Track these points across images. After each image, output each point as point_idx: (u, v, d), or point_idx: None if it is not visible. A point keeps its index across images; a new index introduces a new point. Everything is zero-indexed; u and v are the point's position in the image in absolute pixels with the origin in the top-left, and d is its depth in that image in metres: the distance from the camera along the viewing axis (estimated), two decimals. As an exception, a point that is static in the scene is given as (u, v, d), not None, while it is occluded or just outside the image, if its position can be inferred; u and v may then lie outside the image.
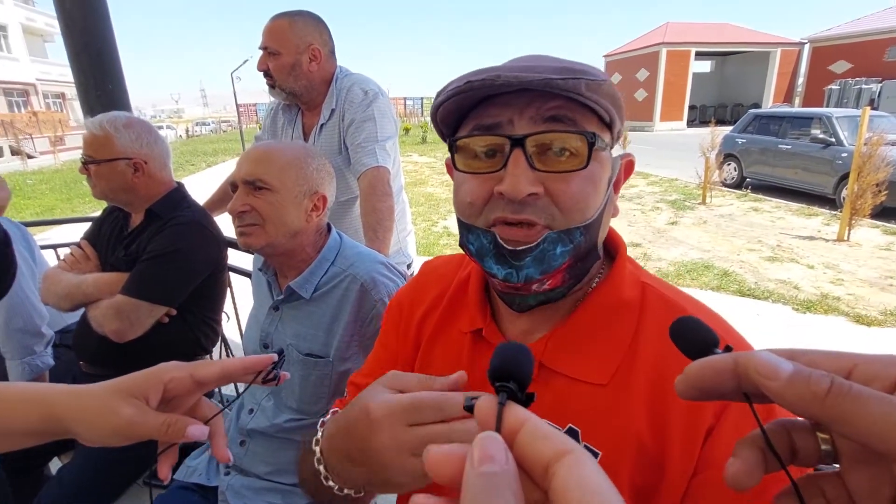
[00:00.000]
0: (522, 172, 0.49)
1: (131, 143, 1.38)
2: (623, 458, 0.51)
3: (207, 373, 0.51)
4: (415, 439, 0.44)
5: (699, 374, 0.29)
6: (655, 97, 25.05)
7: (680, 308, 0.56)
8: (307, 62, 1.62)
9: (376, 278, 1.02)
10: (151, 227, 1.42)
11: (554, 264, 0.51)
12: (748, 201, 8.04)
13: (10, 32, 27.00)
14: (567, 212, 0.51)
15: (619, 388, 0.53)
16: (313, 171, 1.03)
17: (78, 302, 1.37)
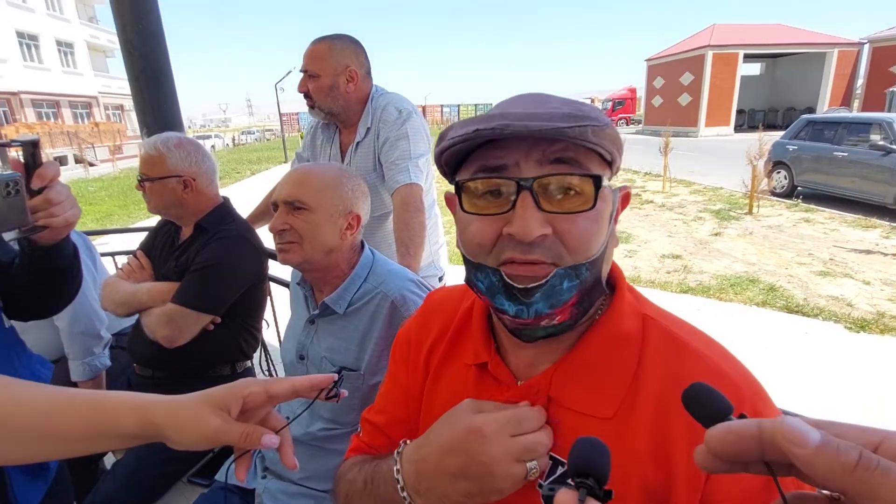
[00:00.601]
0: (531, 214, 0.50)
1: (181, 162, 1.49)
2: (629, 490, 0.51)
3: (279, 388, 0.59)
4: (519, 447, 0.51)
5: (722, 440, 0.28)
6: (700, 101, 24.23)
7: (680, 341, 0.56)
8: (344, 83, 1.69)
9: (406, 295, 1.06)
10: (199, 240, 1.51)
11: (562, 299, 0.52)
12: (799, 212, 7.65)
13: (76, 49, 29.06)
14: (573, 251, 0.52)
15: (622, 422, 0.54)
16: (348, 192, 1.09)
17: (133, 309, 1.47)
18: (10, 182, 0.74)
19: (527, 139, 0.51)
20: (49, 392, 0.58)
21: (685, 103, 25.47)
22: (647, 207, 8.61)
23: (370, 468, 0.61)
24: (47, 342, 1.76)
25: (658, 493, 0.51)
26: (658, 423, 0.52)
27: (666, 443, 0.51)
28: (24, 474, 0.87)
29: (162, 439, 0.56)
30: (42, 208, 0.80)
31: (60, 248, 0.90)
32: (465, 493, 0.52)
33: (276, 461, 1.10)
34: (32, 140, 0.79)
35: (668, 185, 10.05)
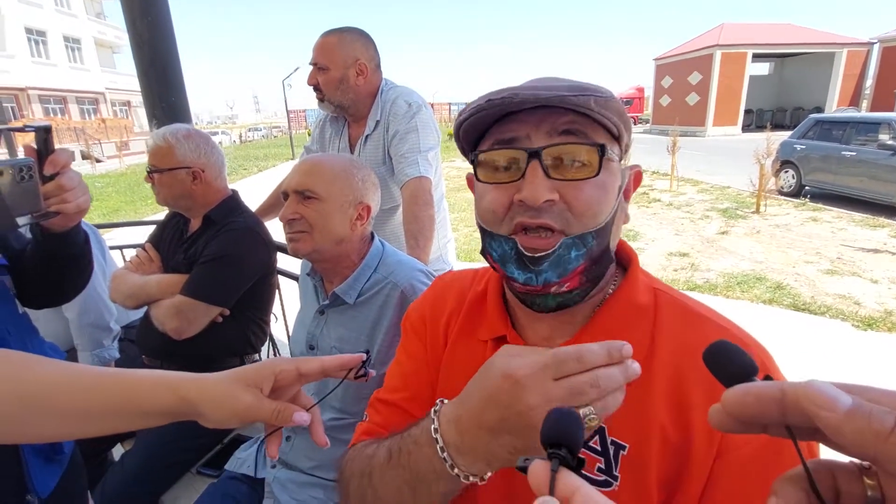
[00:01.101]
0: (539, 181, 0.54)
1: (190, 153, 1.49)
2: (649, 450, 0.53)
3: (310, 367, 0.59)
4: (563, 391, 0.43)
5: (740, 402, 0.27)
6: (708, 101, 24.07)
7: (690, 310, 0.60)
8: (354, 76, 1.69)
9: (415, 285, 1.05)
10: (208, 233, 1.52)
11: (570, 267, 0.55)
12: (806, 210, 7.59)
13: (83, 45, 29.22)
14: (580, 216, 0.55)
15: (640, 386, 0.55)
16: (358, 182, 1.09)
17: (142, 301, 1.48)
18: (23, 167, 0.74)
19: (538, 113, 0.55)
20: (85, 370, 0.59)
21: (693, 103, 25.32)
22: (654, 206, 8.57)
23: (395, 440, 0.58)
24: (57, 334, 1.77)
25: (677, 447, 0.53)
26: (675, 382, 0.54)
27: (683, 400, 0.53)
28: (40, 458, 0.87)
29: (196, 416, 0.57)
30: (54, 194, 0.81)
31: (72, 236, 0.91)
32: (510, 447, 0.46)
33: (286, 451, 1.10)
34: (45, 126, 0.79)
35: (675, 183, 10.00)
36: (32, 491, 0.84)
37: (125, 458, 1.42)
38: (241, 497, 1.11)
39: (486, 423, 0.47)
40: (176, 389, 0.56)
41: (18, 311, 0.94)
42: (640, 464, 0.53)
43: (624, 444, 0.54)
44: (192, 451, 1.48)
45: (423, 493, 0.53)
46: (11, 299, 0.93)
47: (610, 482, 0.54)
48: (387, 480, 0.56)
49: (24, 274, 0.95)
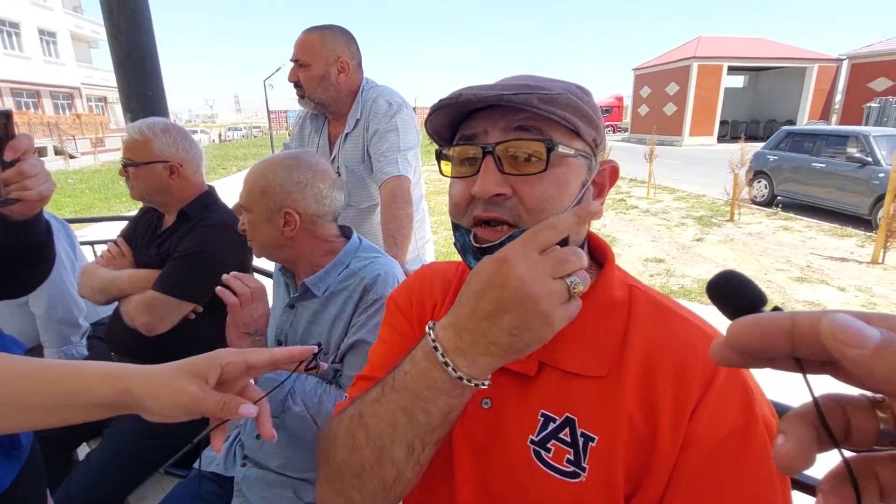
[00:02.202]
0: (490, 175, 0.56)
1: (168, 147, 1.46)
2: (618, 442, 0.54)
3: (258, 359, 0.58)
4: (549, 261, 0.48)
5: (745, 332, 0.25)
6: (685, 111, 24.67)
7: (663, 307, 0.62)
8: (335, 74, 1.68)
9: (380, 276, 1.05)
10: (182, 228, 1.49)
11: None
12: (778, 220, 7.84)
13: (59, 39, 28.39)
14: (532, 211, 0.56)
15: (613, 378, 0.57)
16: (276, 189, 1.06)
17: (112, 296, 1.44)
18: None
19: (498, 111, 0.58)
20: (28, 362, 0.58)
21: (670, 113, 25.92)
22: (631, 212, 8.73)
23: (383, 381, 0.57)
24: (22, 330, 1.71)
25: (644, 439, 0.54)
26: (645, 376, 0.56)
27: (652, 393, 0.55)
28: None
29: (138, 409, 0.55)
30: (15, 181, 0.79)
31: (33, 225, 0.89)
32: (510, 328, 0.47)
33: (255, 449, 1.09)
34: (5, 111, 0.77)
35: (652, 191, 10.20)
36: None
37: (90, 456, 1.37)
38: (209, 496, 1.09)
39: (484, 311, 0.49)
40: (118, 380, 0.55)
41: None
42: (608, 456, 0.54)
43: (594, 435, 0.55)
44: (159, 450, 1.44)
45: (420, 414, 0.51)
46: None
47: (578, 473, 0.55)
48: (379, 413, 0.54)
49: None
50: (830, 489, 0.24)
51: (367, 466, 0.54)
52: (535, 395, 0.59)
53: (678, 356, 0.55)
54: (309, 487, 1.04)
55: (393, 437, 0.53)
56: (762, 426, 0.51)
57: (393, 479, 0.54)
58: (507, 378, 0.61)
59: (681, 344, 0.56)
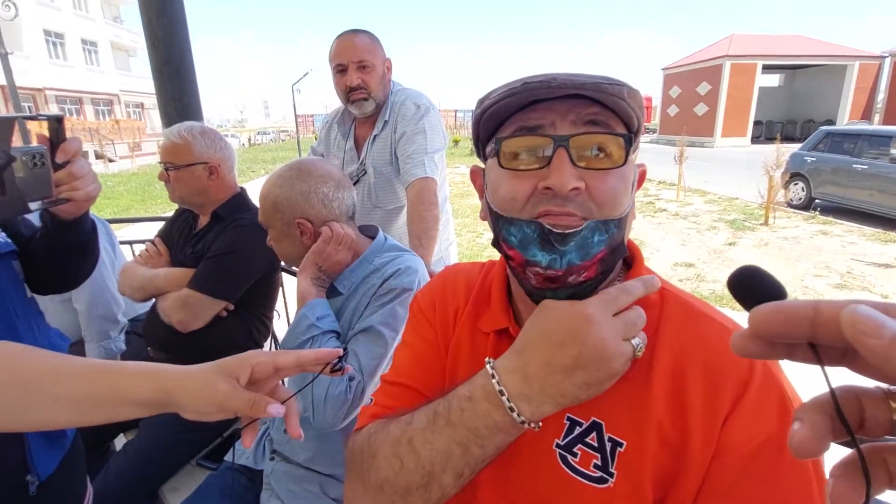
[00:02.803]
0: (567, 169, 0.53)
1: (206, 149, 1.51)
2: (646, 448, 0.53)
3: (286, 361, 0.60)
4: (622, 323, 0.51)
5: (769, 319, 0.26)
6: (717, 112, 24.02)
7: (695, 309, 0.59)
8: (386, 72, 1.74)
9: (399, 269, 1.06)
10: (216, 228, 1.54)
11: (592, 251, 0.55)
12: (816, 224, 7.54)
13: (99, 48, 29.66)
14: (603, 206, 0.55)
15: (641, 381, 0.55)
16: (284, 203, 1.08)
17: (150, 294, 1.50)
18: (36, 154, 0.77)
19: (564, 103, 0.56)
20: (78, 362, 0.61)
21: (701, 113, 25.27)
22: (660, 216, 8.54)
23: (436, 404, 0.57)
24: (65, 325, 1.80)
25: (674, 446, 0.52)
26: (675, 380, 0.54)
27: (682, 398, 0.53)
28: (43, 440, 0.89)
29: (175, 408, 0.58)
30: (65, 181, 0.83)
31: (80, 224, 0.94)
32: (582, 384, 0.50)
33: (284, 443, 1.11)
34: (57, 116, 0.82)
35: (682, 193, 9.96)
36: (33, 471, 0.86)
37: (127, 447, 1.43)
38: (239, 488, 1.12)
39: (561, 364, 0.50)
40: (157, 379, 0.58)
41: (27, 296, 0.96)
42: (636, 461, 0.53)
43: (622, 440, 0.54)
44: (192, 443, 1.49)
45: (476, 449, 0.54)
46: (20, 283, 0.96)
47: (606, 479, 0.54)
48: (432, 442, 0.55)
49: (32, 260, 0.97)
50: (842, 475, 0.24)
51: (414, 488, 0.56)
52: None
53: (709, 360, 0.54)
54: (335, 483, 1.05)
55: (444, 465, 0.55)
56: None
57: (437, 500, 0.56)
58: None
59: (712, 348, 0.54)
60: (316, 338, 0.99)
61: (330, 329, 1.02)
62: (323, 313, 1.04)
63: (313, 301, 1.05)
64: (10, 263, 0.94)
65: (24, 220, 1.04)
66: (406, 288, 1.03)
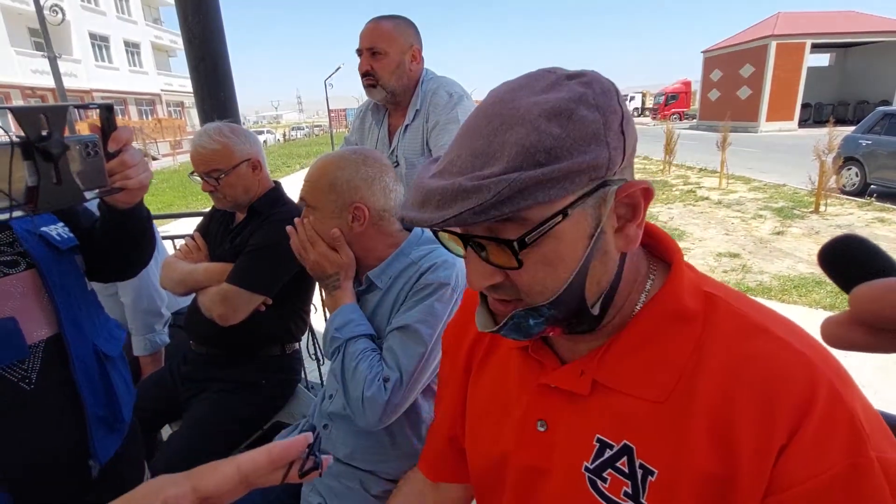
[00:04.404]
0: (477, 268, 0.50)
1: (244, 145, 1.51)
2: (682, 479, 0.47)
3: (216, 482, 0.38)
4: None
5: (875, 298, 0.21)
6: (762, 95, 22.86)
7: (750, 321, 0.50)
8: (409, 62, 1.69)
9: (436, 263, 1.03)
10: (253, 223, 1.55)
11: (533, 331, 0.52)
12: (872, 211, 7.08)
13: (141, 49, 30.85)
14: (528, 294, 0.50)
15: (678, 405, 0.49)
16: (343, 185, 1.03)
17: (190, 287, 1.52)
18: (89, 143, 0.77)
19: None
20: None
21: (745, 97, 24.11)
22: (701, 204, 8.22)
23: None
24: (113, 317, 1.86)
25: (716, 483, 0.46)
26: (721, 407, 0.47)
27: (729, 428, 0.46)
28: (103, 426, 0.94)
29: None
30: (118, 170, 0.84)
31: (136, 212, 0.95)
32: None
33: (323, 439, 1.10)
34: (108, 105, 0.82)
35: (724, 181, 9.55)
36: (94, 456, 0.91)
37: (171, 439, 1.47)
38: (279, 483, 1.12)
39: None
40: None
41: (87, 289, 1.00)
42: (670, 493, 0.47)
43: (653, 469, 0.49)
44: (233, 436, 1.52)
45: None
46: (82, 277, 0.99)
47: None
48: None
49: (93, 250, 1.00)
50: None
51: None
52: (591, 418, 0.53)
53: (765, 383, 0.46)
54: (375, 480, 1.04)
55: None
56: (878, 471, 0.41)
57: None
58: (560, 398, 0.56)
59: (769, 367, 0.46)
60: (340, 348, 1.00)
61: (353, 335, 1.00)
62: (343, 321, 1.03)
63: (335, 312, 1.05)
64: (73, 258, 0.97)
65: (85, 211, 1.07)
66: (443, 283, 1.00)
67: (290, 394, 1.70)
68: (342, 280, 1.07)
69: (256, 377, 1.59)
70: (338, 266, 1.06)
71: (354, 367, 0.96)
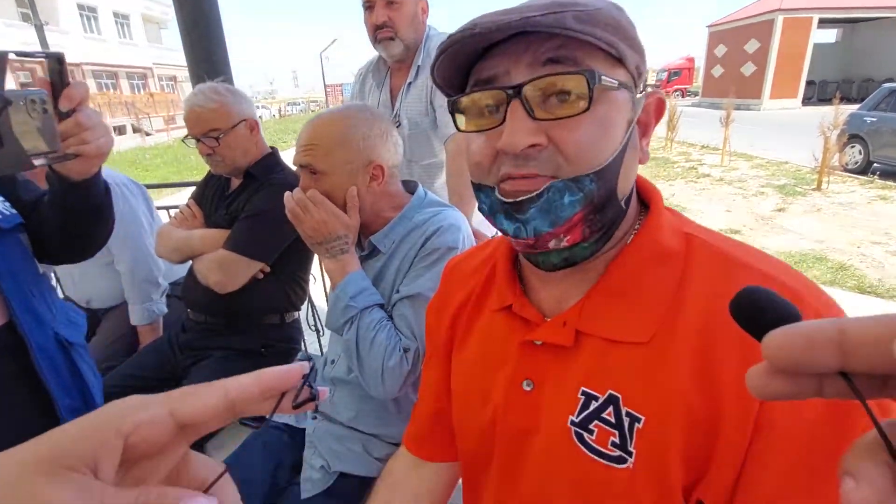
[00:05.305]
0: (520, 124, 0.46)
1: (241, 104, 1.46)
2: (669, 423, 0.46)
3: (196, 408, 0.28)
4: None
5: (788, 342, 0.20)
6: (766, 71, 22.48)
7: (731, 258, 0.49)
8: (421, 14, 1.62)
9: (441, 227, 0.98)
10: (249, 188, 1.51)
11: (563, 215, 0.47)
12: (875, 189, 7.03)
13: (131, 21, 29.99)
14: (572, 160, 0.46)
15: (661, 346, 0.48)
16: (360, 143, 0.97)
17: (186, 255, 1.49)
18: (36, 99, 0.64)
19: (519, 44, 0.47)
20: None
21: (749, 73, 23.72)
22: (703, 181, 8.16)
23: None
24: (108, 287, 1.83)
25: (704, 422, 0.44)
26: (703, 345, 0.46)
27: (712, 367, 0.45)
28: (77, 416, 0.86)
29: None
30: (72, 133, 0.71)
31: (93, 184, 0.82)
32: None
33: (326, 403, 1.09)
34: (57, 55, 0.68)
35: (726, 158, 9.47)
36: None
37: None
38: (281, 446, 1.11)
39: None
40: None
41: (39, 271, 0.90)
42: (657, 439, 0.46)
43: (640, 416, 0.47)
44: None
45: None
46: (31, 259, 0.88)
47: (624, 458, 0.47)
48: None
49: (41, 229, 0.87)
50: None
51: None
52: (575, 371, 0.52)
53: None
54: (378, 443, 1.03)
55: None
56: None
57: None
58: (545, 355, 0.54)
59: None
60: (355, 318, 0.94)
61: (368, 305, 0.96)
62: (357, 290, 0.96)
63: (346, 279, 0.98)
64: (18, 238, 0.85)
65: (25, 182, 0.93)
66: (451, 247, 0.96)
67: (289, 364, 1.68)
68: (350, 244, 1.01)
69: (256, 346, 1.57)
70: (347, 227, 0.98)
71: (373, 337, 0.93)
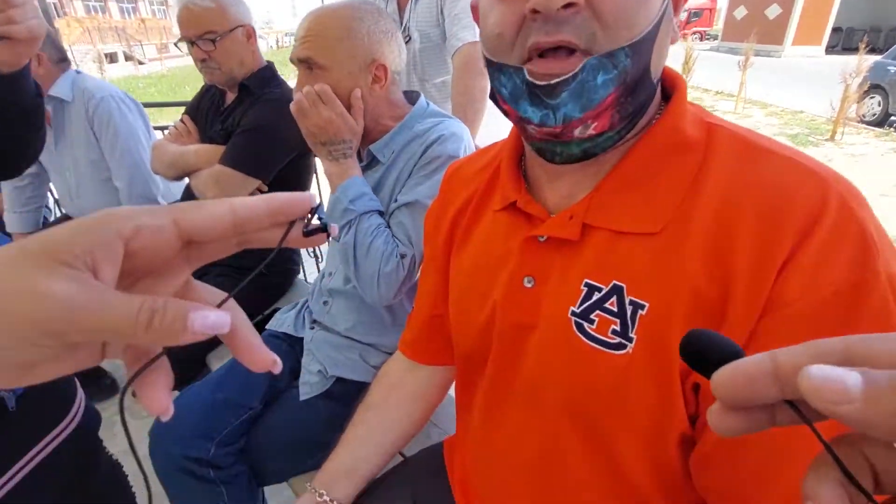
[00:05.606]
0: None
1: (238, 7, 1.38)
2: (674, 308, 0.45)
3: (203, 219, 0.26)
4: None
5: (731, 380, 0.21)
6: (791, 16, 21.27)
7: (754, 145, 0.47)
8: None
9: (443, 135, 0.94)
10: (245, 102, 1.46)
11: (595, 98, 0.43)
12: (889, 141, 6.85)
13: (120, -64, 28.11)
14: (610, 26, 0.42)
15: (672, 236, 0.46)
16: (364, 37, 0.90)
17: (181, 170, 1.46)
18: None
19: None
20: None
21: (773, 16, 22.46)
22: (713, 129, 7.96)
23: None
24: (107, 204, 1.80)
25: (709, 307, 0.43)
26: (718, 232, 0.44)
27: (725, 254, 0.43)
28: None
29: None
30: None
31: (22, 80, 0.70)
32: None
33: (323, 314, 1.10)
34: None
35: (741, 105, 9.16)
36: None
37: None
38: (280, 353, 1.11)
39: None
40: None
41: None
42: (660, 324, 0.45)
43: (644, 302, 0.46)
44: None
45: None
46: None
47: (624, 344, 0.47)
48: None
49: None
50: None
51: None
52: (579, 265, 0.50)
53: (767, 199, 0.42)
54: (375, 352, 1.05)
55: None
56: (885, 286, 0.38)
57: None
58: (549, 250, 0.53)
59: (773, 184, 0.43)
60: (353, 222, 0.92)
61: (367, 210, 0.93)
62: (357, 193, 0.93)
63: (346, 182, 0.94)
64: None
65: None
66: (451, 155, 0.93)
67: (289, 284, 1.69)
68: (353, 149, 0.97)
69: (254, 265, 1.56)
70: (352, 132, 0.93)
71: (370, 242, 0.91)
